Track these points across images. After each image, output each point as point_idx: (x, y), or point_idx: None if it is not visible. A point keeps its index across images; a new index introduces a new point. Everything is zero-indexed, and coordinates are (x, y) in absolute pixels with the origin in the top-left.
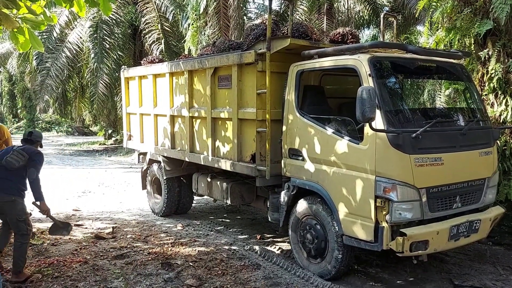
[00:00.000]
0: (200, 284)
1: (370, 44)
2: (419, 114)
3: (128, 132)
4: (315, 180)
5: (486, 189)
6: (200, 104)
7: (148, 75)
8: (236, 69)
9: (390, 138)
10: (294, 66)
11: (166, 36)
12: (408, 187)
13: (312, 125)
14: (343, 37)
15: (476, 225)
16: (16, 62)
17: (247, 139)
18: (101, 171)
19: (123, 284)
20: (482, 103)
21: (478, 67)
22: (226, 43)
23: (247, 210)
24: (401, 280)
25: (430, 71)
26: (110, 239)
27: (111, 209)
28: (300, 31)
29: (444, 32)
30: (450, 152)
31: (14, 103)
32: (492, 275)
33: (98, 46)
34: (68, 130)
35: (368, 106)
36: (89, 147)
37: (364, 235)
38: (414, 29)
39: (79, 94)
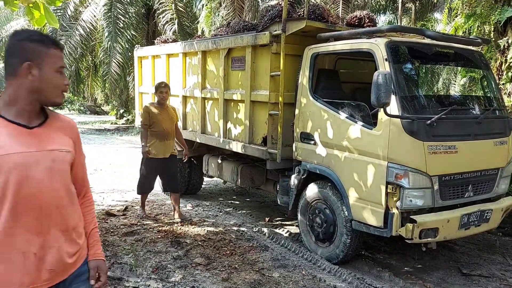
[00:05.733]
0: (208, 263)
1: (387, 28)
2: (434, 101)
3: (140, 112)
4: (326, 164)
5: (499, 179)
6: (213, 85)
7: (162, 54)
8: (250, 50)
9: (404, 124)
10: (309, 49)
11: (179, 17)
12: (420, 174)
13: (325, 109)
14: (360, 20)
15: (487, 215)
16: None
17: (259, 122)
18: (112, 150)
19: (133, 260)
20: (499, 92)
21: (497, 56)
22: (241, 24)
23: (256, 193)
24: (409, 267)
25: (448, 58)
26: (120, 216)
27: (122, 188)
28: (316, 13)
29: (463, 19)
30: (465, 141)
31: None
32: (500, 265)
33: (112, 25)
34: (80, 109)
35: (383, 91)
36: (101, 126)
37: (373, 220)
38: (431, 16)
39: (92, 73)
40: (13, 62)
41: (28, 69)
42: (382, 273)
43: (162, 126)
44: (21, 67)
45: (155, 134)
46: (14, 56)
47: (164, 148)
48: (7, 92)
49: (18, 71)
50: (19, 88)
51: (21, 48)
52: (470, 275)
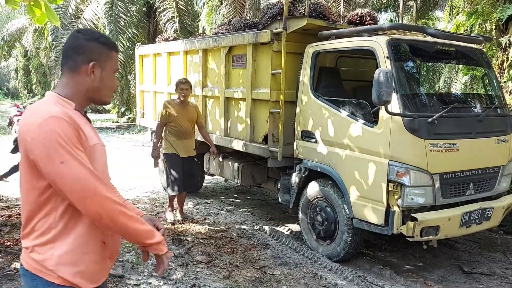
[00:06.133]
0: (209, 261)
1: (388, 26)
2: (435, 99)
3: (141, 110)
4: (327, 162)
5: (500, 177)
6: (214, 83)
7: (163, 52)
8: (251, 48)
9: (405, 122)
10: (310, 47)
11: (180, 15)
12: (422, 172)
13: (326, 107)
14: (361, 18)
15: (488, 213)
16: (31, 38)
17: (260, 120)
18: (114, 149)
19: (134, 257)
20: (501, 90)
21: (498, 53)
22: (242, 22)
23: (257, 191)
24: (410, 265)
25: (449, 56)
26: None
27: (123, 186)
28: (317, 11)
29: (464, 17)
30: (466, 139)
31: (29, 78)
32: (502, 263)
33: (113, 23)
34: None
35: (384, 89)
36: (102, 124)
37: (375, 218)
38: (432, 14)
39: None
40: (77, 59)
41: (92, 68)
42: (383, 271)
43: (180, 123)
44: (85, 66)
45: (173, 131)
46: (80, 53)
47: (183, 147)
48: (67, 86)
49: (81, 68)
50: (78, 84)
51: (88, 47)
52: (471, 273)
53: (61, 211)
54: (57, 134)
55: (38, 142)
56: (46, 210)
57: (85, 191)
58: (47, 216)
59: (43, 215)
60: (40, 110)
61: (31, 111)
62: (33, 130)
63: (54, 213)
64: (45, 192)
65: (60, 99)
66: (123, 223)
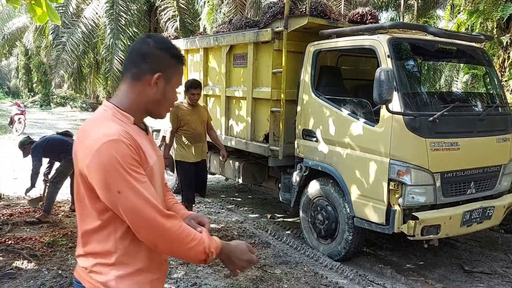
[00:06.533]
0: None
1: (389, 24)
2: (436, 98)
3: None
4: (328, 161)
5: (501, 176)
6: (215, 82)
7: None
8: (252, 47)
9: (406, 121)
10: (311, 45)
11: (181, 14)
12: (423, 171)
13: (327, 106)
14: (362, 17)
15: (489, 212)
16: (32, 37)
17: (261, 119)
18: None
19: None
20: (502, 89)
21: (500, 52)
22: (243, 21)
23: (258, 190)
24: (411, 264)
25: (450, 54)
26: None
27: None
28: (318, 9)
29: (466, 15)
30: (467, 138)
31: (30, 77)
32: (502, 262)
33: (114, 22)
34: (83, 106)
35: (385, 88)
36: None
37: (375, 217)
38: (433, 13)
39: (94, 70)
40: (143, 67)
41: (157, 80)
42: (384, 270)
43: (193, 127)
44: (150, 76)
45: (186, 135)
46: (147, 61)
47: (196, 151)
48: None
49: (144, 77)
50: (139, 94)
51: (157, 56)
52: (472, 272)
53: (121, 233)
54: (116, 161)
55: (96, 170)
56: (107, 231)
57: (140, 222)
58: (107, 237)
59: (103, 236)
60: (98, 130)
61: (88, 131)
62: (91, 156)
63: (114, 234)
64: (104, 213)
65: (118, 112)
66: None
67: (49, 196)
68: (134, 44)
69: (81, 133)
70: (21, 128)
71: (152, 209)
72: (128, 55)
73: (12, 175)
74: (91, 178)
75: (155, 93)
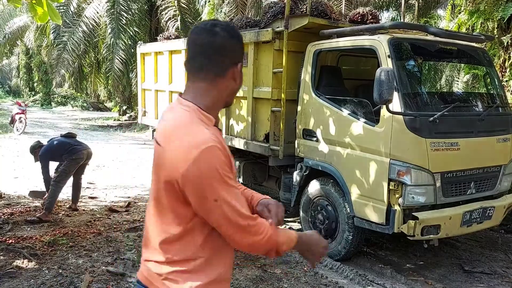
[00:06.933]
0: None
1: (390, 24)
2: (437, 98)
3: (143, 108)
4: (328, 161)
5: (501, 176)
6: None
7: (164, 51)
8: (253, 47)
9: (406, 121)
10: (312, 45)
11: (182, 13)
12: (423, 171)
13: (327, 106)
14: (363, 17)
15: (489, 212)
16: (33, 36)
17: (261, 119)
18: (115, 147)
19: (135, 255)
20: (503, 89)
21: (500, 52)
22: (244, 21)
23: (259, 190)
24: (411, 264)
25: (451, 55)
26: (123, 212)
27: (125, 184)
28: (319, 9)
29: (466, 15)
30: (467, 138)
31: (31, 76)
32: (502, 262)
33: (114, 21)
34: (83, 105)
35: (386, 88)
36: (104, 122)
37: (375, 217)
38: (434, 13)
39: (95, 70)
40: (224, 62)
41: (240, 71)
42: (384, 270)
43: None
44: (233, 69)
45: None
46: (225, 55)
47: None
48: (208, 94)
49: (228, 72)
50: (222, 90)
51: (233, 47)
52: (472, 272)
53: (202, 240)
54: (215, 170)
55: (194, 178)
56: (188, 238)
57: (233, 229)
58: (188, 244)
59: (184, 243)
60: (190, 135)
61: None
62: (189, 164)
63: (195, 241)
64: (188, 220)
65: (201, 113)
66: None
67: (51, 195)
68: (201, 37)
69: (164, 137)
70: (22, 127)
71: (243, 216)
72: (198, 50)
73: (13, 174)
74: (185, 186)
75: (236, 83)
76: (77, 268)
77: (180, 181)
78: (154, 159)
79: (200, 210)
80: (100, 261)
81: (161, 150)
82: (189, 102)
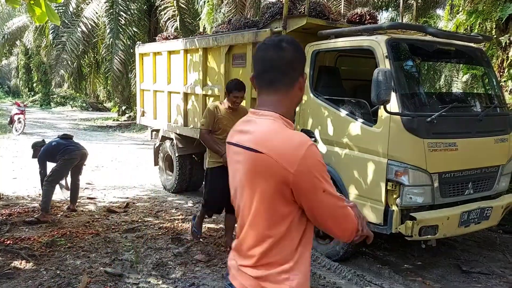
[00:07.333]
0: (209, 260)
1: (388, 25)
2: (435, 99)
3: (141, 108)
4: (326, 161)
5: (499, 176)
6: (214, 82)
7: (163, 51)
8: (251, 47)
9: (404, 122)
10: (310, 46)
11: (181, 13)
12: (420, 171)
13: (325, 106)
14: (361, 17)
15: (487, 212)
16: (32, 36)
17: None
18: (114, 147)
19: (133, 256)
20: (501, 89)
21: (498, 53)
22: (242, 21)
23: None
24: (409, 264)
25: (449, 55)
26: (122, 213)
27: (124, 184)
28: (317, 10)
29: (465, 16)
30: (465, 138)
31: (30, 76)
32: (500, 263)
33: (114, 21)
34: (83, 105)
35: (383, 89)
36: (103, 122)
37: (373, 217)
38: (433, 13)
39: (94, 70)
40: (293, 75)
41: (304, 80)
42: (382, 270)
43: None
44: (300, 80)
45: (220, 140)
46: (294, 68)
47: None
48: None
49: (296, 83)
50: (292, 101)
51: (300, 60)
52: (470, 272)
53: (298, 239)
54: (320, 164)
55: (305, 175)
56: (288, 238)
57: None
58: (288, 244)
59: (285, 243)
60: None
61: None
62: (298, 162)
63: (291, 242)
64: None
65: (284, 120)
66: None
67: (44, 195)
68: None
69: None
70: (20, 128)
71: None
72: (268, 65)
73: (12, 174)
74: (297, 183)
75: (302, 92)
76: (75, 269)
77: (291, 179)
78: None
79: (311, 204)
80: (98, 262)
81: (259, 157)
82: (270, 112)
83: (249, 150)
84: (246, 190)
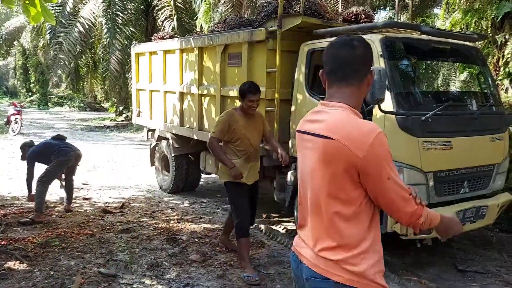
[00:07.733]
0: (204, 260)
1: (382, 24)
2: (430, 97)
3: (137, 108)
4: None
5: (495, 175)
6: (210, 81)
7: (158, 51)
8: (247, 47)
9: (399, 121)
10: (305, 45)
11: (178, 13)
12: (415, 170)
13: None
14: (357, 16)
15: (483, 211)
16: (29, 36)
17: None
18: (111, 147)
19: (128, 257)
20: (496, 88)
21: (494, 51)
22: (237, 20)
23: None
24: (404, 263)
25: (444, 54)
26: (117, 213)
27: (120, 184)
28: (312, 9)
29: (460, 14)
30: (460, 137)
31: (27, 77)
32: (496, 262)
33: (111, 21)
34: (80, 106)
35: (378, 88)
36: (100, 123)
37: None
38: (431, 12)
39: (92, 70)
40: (363, 71)
41: (372, 76)
42: None
43: (250, 142)
44: (369, 76)
45: (239, 152)
46: (366, 64)
47: (251, 171)
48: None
49: (365, 78)
50: (362, 93)
51: (369, 56)
52: (466, 271)
53: (368, 221)
54: (388, 152)
55: (373, 162)
56: (358, 221)
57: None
58: (359, 225)
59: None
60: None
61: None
62: (368, 149)
63: (363, 224)
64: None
65: (353, 111)
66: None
67: (38, 196)
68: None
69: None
70: (17, 128)
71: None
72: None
73: (7, 175)
74: (365, 168)
75: (369, 87)
76: (68, 270)
77: (359, 164)
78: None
79: (377, 189)
80: (92, 262)
81: (331, 143)
82: (341, 103)
83: (321, 137)
84: (318, 172)
